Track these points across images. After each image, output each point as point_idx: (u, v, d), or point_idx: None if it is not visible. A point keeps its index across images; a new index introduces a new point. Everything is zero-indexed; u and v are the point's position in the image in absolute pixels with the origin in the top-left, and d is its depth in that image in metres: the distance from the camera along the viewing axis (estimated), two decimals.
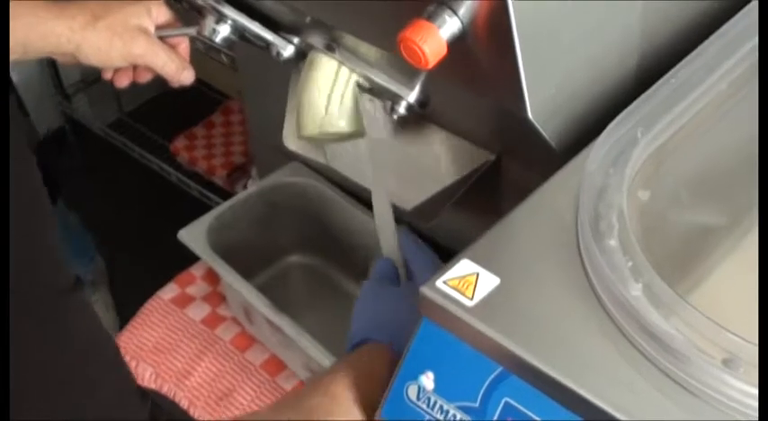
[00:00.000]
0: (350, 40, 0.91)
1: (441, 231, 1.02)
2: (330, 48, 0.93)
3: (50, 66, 2.09)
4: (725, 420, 0.61)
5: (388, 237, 0.95)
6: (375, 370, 0.78)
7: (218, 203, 1.92)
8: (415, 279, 0.89)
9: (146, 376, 1.15)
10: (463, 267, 0.70)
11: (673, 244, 0.76)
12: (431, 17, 0.72)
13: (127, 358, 1.16)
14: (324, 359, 1.02)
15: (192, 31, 1.03)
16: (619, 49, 0.83)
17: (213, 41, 1.01)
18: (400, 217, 1.05)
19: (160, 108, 2.11)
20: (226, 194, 1.87)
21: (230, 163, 1.86)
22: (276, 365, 1.14)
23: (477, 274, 0.69)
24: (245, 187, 1.87)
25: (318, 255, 1.26)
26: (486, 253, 0.71)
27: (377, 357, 0.80)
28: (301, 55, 0.98)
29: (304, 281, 1.23)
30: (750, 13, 0.86)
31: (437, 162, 0.99)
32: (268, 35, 0.98)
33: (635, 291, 0.64)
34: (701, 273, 0.75)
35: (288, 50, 0.98)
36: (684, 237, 0.78)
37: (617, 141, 0.75)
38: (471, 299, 0.68)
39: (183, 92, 2.08)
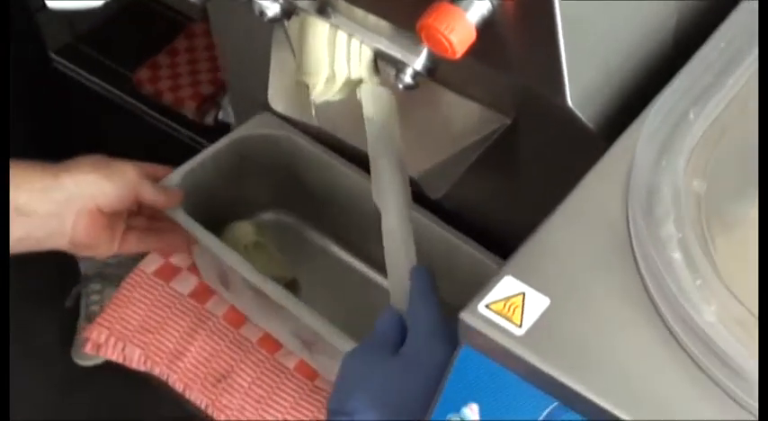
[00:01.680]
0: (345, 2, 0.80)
1: (452, 199, 0.93)
2: (323, 11, 0.83)
3: None
4: None
5: (398, 280, 0.78)
6: None
7: (188, 136, 1.82)
8: (411, 343, 0.72)
9: (134, 358, 1.07)
10: (507, 286, 0.62)
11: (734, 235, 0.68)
12: None
13: (112, 339, 1.08)
14: (315, 322, 0.94)
15: None
16: (657, 12, 0.73)
17: None
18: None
19: (115, 32, 1.97)
20: (195, 126, 1.77)
21: (199, 94, 1.74)
22: (275, 341, 1.06)
23: (524, 294, 0.61)
24: (215, 119, 1.76)
25: (293, 213, 1.18)
26: (530, 267, 0.62)
27: None
28: (288, 14, 0.87)
29: (277, 239, 1.14)
30: None
31: (446, 126, 0.90)
32: None
33: (708, 315, 0.57)
34: None
35: (272, 9, 0.87)
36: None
37: (663, 123, 0.67)
38: (520, 326, 0.60)
39: (142, 14, 1.96)
